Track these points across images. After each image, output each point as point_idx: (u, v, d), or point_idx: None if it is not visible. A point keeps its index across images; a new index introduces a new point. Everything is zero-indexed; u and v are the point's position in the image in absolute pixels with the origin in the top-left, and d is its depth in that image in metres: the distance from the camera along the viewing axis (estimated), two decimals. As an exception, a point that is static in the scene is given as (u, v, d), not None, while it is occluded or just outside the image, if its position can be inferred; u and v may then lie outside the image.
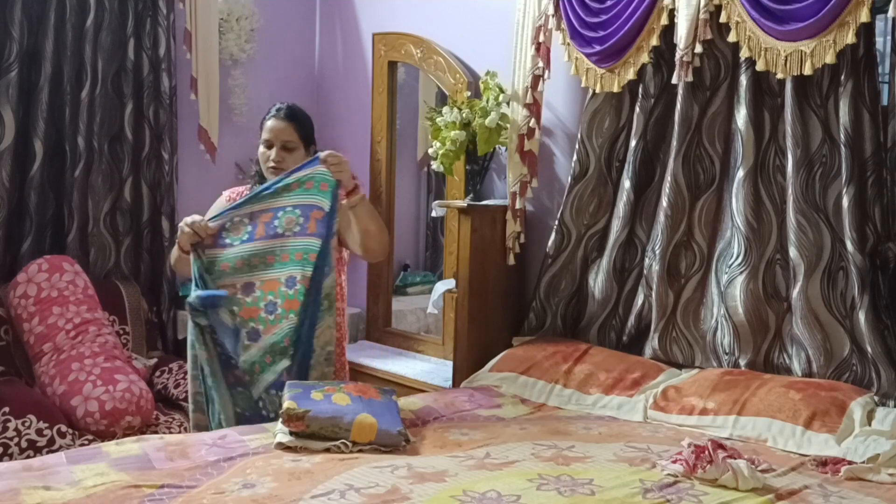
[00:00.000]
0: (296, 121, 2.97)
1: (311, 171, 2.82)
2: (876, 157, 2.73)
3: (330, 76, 4.57)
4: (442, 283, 3.89)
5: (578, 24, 3.15)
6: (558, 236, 3.37)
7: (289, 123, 2.95)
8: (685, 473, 2.22)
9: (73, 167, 3.78)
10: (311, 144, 3.02)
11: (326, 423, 2.42)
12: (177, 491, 2.07)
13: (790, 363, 2.92)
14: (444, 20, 3.95)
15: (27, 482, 2.08)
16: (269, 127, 2.96)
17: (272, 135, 2.95)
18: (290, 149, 2.95)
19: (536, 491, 2.12)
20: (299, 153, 2.97)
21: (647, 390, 2.94)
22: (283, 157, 2.94)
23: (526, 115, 3.35)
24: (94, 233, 3.86)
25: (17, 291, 3.48)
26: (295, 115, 2.99)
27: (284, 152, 2.94)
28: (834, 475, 2.29)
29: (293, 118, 2.97)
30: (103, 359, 3.35)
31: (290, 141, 2.94)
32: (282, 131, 2.94)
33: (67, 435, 3.07)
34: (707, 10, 2.81)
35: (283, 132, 2.94)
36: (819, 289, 2.81)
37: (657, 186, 3.18)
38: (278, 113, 2.97)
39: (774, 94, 2.92)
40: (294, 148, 2.95)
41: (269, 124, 2.96)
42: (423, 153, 4.13)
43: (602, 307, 3.33)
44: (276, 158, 2.94)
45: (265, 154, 2.97)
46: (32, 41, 3.66)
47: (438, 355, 3.89)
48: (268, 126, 2.96)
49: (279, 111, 2.98)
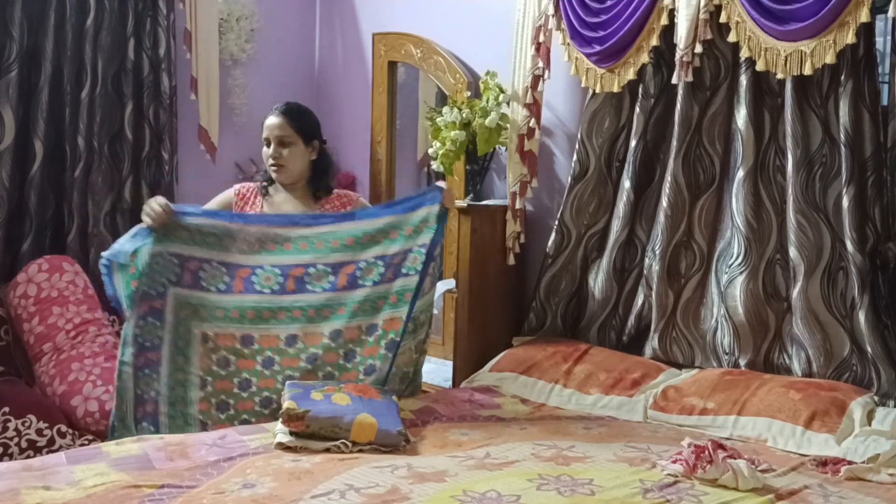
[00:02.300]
0: (289, 115, 2.99)
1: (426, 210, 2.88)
2: (876, 157, 2.73)
3: (330, 76, 4.57)
4: (442, 283, 3.89)
5: (578, 24, 3.15)
6: (558, 236, 3.37)
7: (282, 118, 2.97)
8: (685, 473, 2.22)
9: (73, 167, 3.77)
10: (314, 139, 3.03)
11: (326, 423, 2.42)
12: (177, 491, 2.07)
13: (790, 363, 2.92)
14: (444, 20, 3.95)
15: (27, 482, 2.08)
16: (265, 125, 3.00)
17: (268, 132, 2.98)
18: (285, 143, 2.97)
19: (536, 491, 2.12)
20: (297, 148, 2.99)
21: (647, 390, 2.94)
22: (279, 152, 2.97)
23: (526, 115, 3.35)
24: (94, 233, 3.85)
25: (17, 291, 3.47)
26: (290, 110, 3.01)
27: (281, 148, 2.97)
28: (834, 475, 2.29)
29: (287, 113, 2.99)
30: (103, 359, 3.35)
31: (284, 136, 2.96)
32: (276, 126, 2.97)
33: (67, 435, 3.07)
34: (707, 10, 2.81)
35: (278, 127, 2.97)
36: (819, 289, 2.81)
37: (657, 186, 3.18)
38: (274, 111, 3.01)
39: (774, 94, 2.92)
40: (290, 142, 2.97)
41: (265, 122, 3.00)
42: (423, 153, 4.12)
43: (602, 307, 3.33)
44: (274, 154, 2.97)
45: (265, 152, 3.00)
46: (32, 41, 3.66)
47: (438, 355, 3.88)
48: (265, 124, 3.00)
49: (275, 109, 3.02)
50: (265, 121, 3.00)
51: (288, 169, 2.99)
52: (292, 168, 3.00)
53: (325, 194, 3.07)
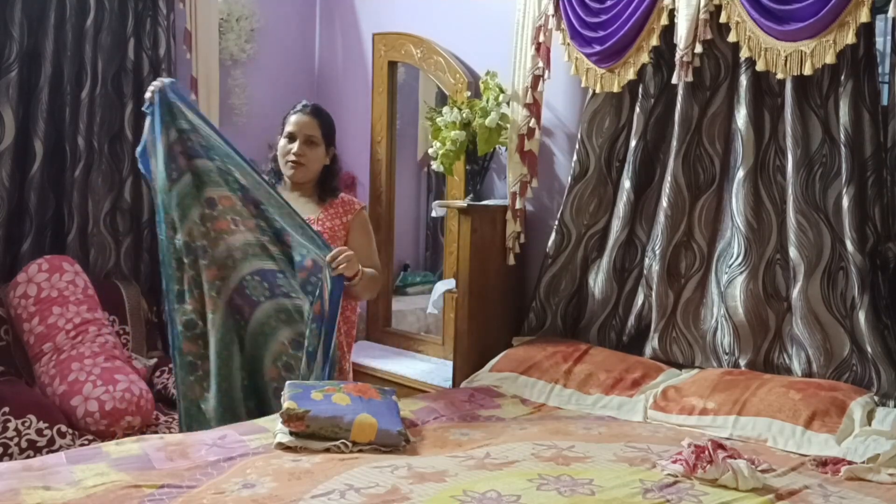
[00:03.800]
0: (321, 118, 3.02)
1: (316, 255, 2.81)
2: (876, 157, 2.73)
3: (330, 76, 4.57)
4: (442, 283, 3.89)
5: (578, 24, 3.15)
6: (558, 236, 3.37)
7: (314, 119, 3.00)
8: (685, 473, 2.22)
9: (73, 167, 3.77)
10: (332, 145, 3.06)
11: (326, 423, 2.42)
12: (177, 491, 2.07)
13: (790, 363, 2.92)
14: (444, 20, 3.95)
15: (27, 482, 2.08)
16: (293, 121, 2.99)
17: (297, 128, 2.98)
18: (312, 143, 2.99)
19: (536, 491, 2.12)
20: (320, 150, 3.00)
21: (647, 390, 2.94)
22: (304, 151, 2.97)
23: (526, 115, 3.35)
24: (94, 233, 3.85)
25: (17, 291, 3.48)
26: (320, 112, 3.05)
27: (306, 147, 2.97)
28: (834, 475, 2.29)
29: (318, 115, 3.02)
30: (103, 359, 3.35)
31: (313, 136, 2.98)
32: (307, 125, 2.98)
33: (67, 435, 3.07)
34: (707, 10, 2.81)
35: (308, 126, 2.98)
36: (819, 289, 2.81)
37: (657, 186, 3.18)
38: (304, 109, 3.02)
39: (774, 94, 2.92)
40: (317, 143, 3.00)
41: (293, 118, 3.00)
42: (423, 153, 4.13)
43: (602, 307, 3.33)
44: (298, 152, 2.97)
45: (286, 147, 2.99)
46: (32, 41, 3.66)
47: (438, 355, 3.89)
48: (292, 120, 3.00)
49: (305, 107, 3.03)
50: (291, 117, 3.01)
51: (307, 168, 3.00)
52: (311, 168, 3.01)
53: (331, 196, 3.06)
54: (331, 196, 3.06)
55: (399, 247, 4.34)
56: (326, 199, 3.05)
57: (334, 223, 3.01)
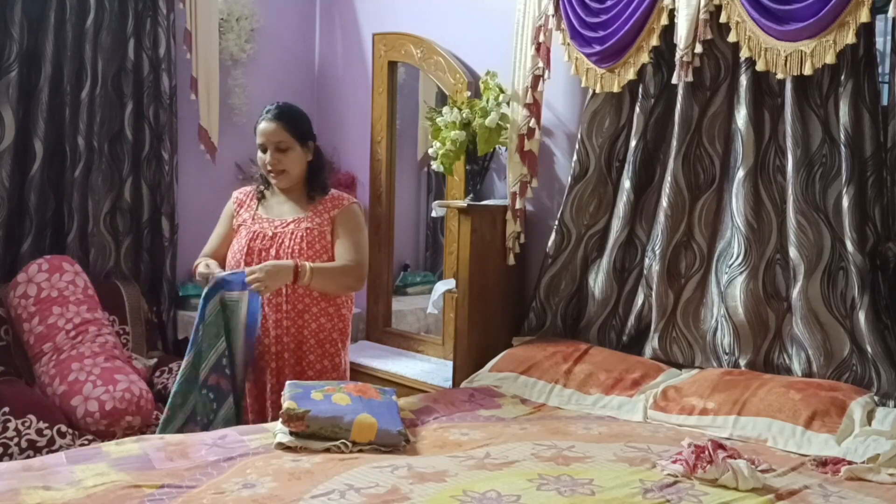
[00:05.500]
0: (283, 119, 2.95)
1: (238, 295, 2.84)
2: (876, 157, 2.73)
3: (330, 76, 4.57)
4: (442, 283, 3.89)
5: (578, 24, 3.15)
6: (558, 236, 3.37)
7: (277, 124, 2.94)
8: (685, 473, 2.22)
9: (73, 167, 3.78)
10: (309, 140, 3.02)
11: (326, 423, 2.42)
12: (177, 491, 2.07)
13: (790, 363, 2.92)
14: (444, 20, 3.95)
15: (27, 482, 2.08)
16: (260, 130, 2.97)
17: (264, 138, 2.95)
18: (283, 149, 2.95)
19: (536, 491, 2.12)
20: (295, 153, 2.97)
21: (647, 390, 2.94)
22: (278, 158, 2.95)
23: (526, 115, 3.35)
24: (94, 233, 3.86)
25: (17, 291, 3.48)
26: (282, 113, 2.97)
27: (279, 154, 2.95)
28: (834, 475, 2.29)
29: (280, 117, 2.95)
30: (103, 359, 3.35)
31: (281, 141, 2.94)
32: (273, 132, 2.94)
33: (67, 435, 3.07)
34: (707, 10, 2.81)
35: (274, 133, 2.94)
36: (819, 289, 2.81)
37: (657, 186, 3.18)
38: (267, 115, 2.97)
39: (774, 94, 2.92)
40: (287, 147, 2.95)
41: (259, 128, 2.98)
42: (423, 153, 4.13)
43: (602, 307, 3.33)
44: (272, 161, 2.95)
45: (262, 158, 2.98)
46: (32, 41, 3.66)
47: (438, 355, 3.89)
48: (259, 130, 2.97)
49: (268, 112, 2.98)
50: (258, 126, 2.97)
51: (288, 174, 2.98)
52: (292, 172, 2.98)
53: (320, 194, 3.04)
54: (320, 194, 3.04)
55: (399, 247, 4.33)
56: (315, 198, 3.03)
57: (321, 219, 2.99)
